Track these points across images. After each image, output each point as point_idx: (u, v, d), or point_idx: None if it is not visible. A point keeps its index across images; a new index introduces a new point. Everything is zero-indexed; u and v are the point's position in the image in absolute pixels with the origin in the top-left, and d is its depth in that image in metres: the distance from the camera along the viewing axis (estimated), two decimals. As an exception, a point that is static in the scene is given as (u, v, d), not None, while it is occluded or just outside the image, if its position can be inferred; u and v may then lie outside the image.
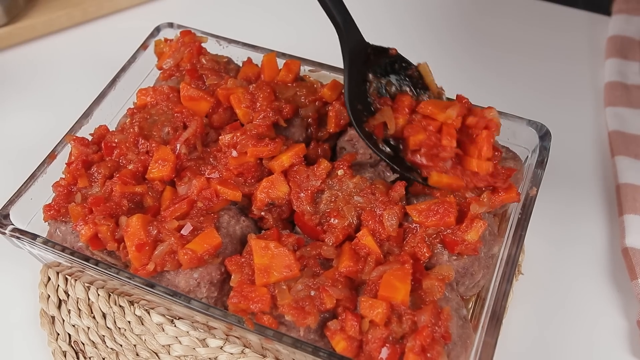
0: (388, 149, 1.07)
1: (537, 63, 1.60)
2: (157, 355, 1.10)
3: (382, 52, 1.12)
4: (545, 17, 1.72)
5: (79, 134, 1.18)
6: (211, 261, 0.98)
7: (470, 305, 1.06)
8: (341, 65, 1.09)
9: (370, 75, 1.10)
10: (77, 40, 1.69)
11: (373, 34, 1.15)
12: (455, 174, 1.03)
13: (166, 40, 1.31)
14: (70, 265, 1.03)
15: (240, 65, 1.28)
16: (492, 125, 1.04)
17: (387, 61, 1.12)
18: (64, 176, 1.09)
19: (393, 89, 1.12)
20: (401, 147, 1.07)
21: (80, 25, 1.72)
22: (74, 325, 1.13)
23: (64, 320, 1.13)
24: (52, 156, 1.15)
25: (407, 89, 1.12)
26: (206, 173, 1.08)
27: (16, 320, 1.15)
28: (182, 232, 0.98)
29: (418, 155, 1.04)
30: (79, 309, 1.15)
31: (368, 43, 1.10)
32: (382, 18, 1.73)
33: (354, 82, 1.08)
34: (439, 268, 0.96)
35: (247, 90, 1.14)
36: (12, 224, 1.05)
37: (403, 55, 1.14)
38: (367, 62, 1.10)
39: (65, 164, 1.12)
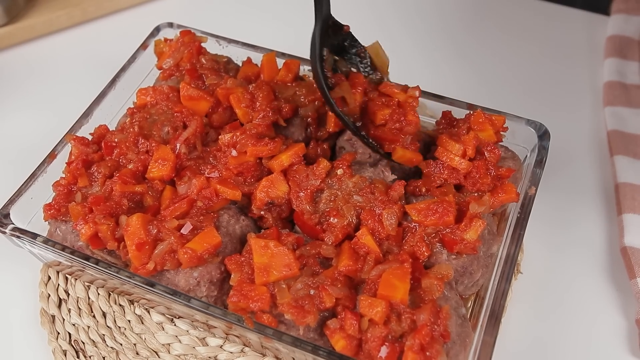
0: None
1: (535, 62, 1.60)
2: (157, 354, 1.10)
3: (338, 28, 1.12)
4: (544, 16, 1.72)
5: (79, 134, 1.19)
6: (211, 260, 0.99)
7: (469, 304, 1.06)
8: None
9: (326, 51, 1.10)
10: (77, 40, 1.69)
11: (375, 29, 1.14)
12: (414, 150, 1.08)
13: (166, 40, 1.31)
14: (70, 264, 1.03)
15: (240, 65, 1.28)
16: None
17: (341, 38, 1.13)
18: (64, 175, 1.10)
19: (343, 67, 1.13)
20: (358, 124, 1.11)
21: (80, 25, 1.72)
22: (74, 324, 1.13)
23: (64, 319, 1.13)
24: (52, 156, 1.15)
25: (355, 69, 1.15)
26: (206, 172, 1.08)
27: (16, 319, 1.15)
28: (182, 231, 0.98)
29: (382, 130, 1.08)
30: (79, 308, 1.15)
31: (332, 15, 1.09)
32: (388, 17, 1.73)
33: (319, 54, 1.07)
34: (438, 267, 0.96)
35: (247, 89, 1.15)
36: (13, 223, 1.05)
37: (353, 34, 1.15)
38: (326, 36, 1.10)
39: (66, 163, 1.12)
